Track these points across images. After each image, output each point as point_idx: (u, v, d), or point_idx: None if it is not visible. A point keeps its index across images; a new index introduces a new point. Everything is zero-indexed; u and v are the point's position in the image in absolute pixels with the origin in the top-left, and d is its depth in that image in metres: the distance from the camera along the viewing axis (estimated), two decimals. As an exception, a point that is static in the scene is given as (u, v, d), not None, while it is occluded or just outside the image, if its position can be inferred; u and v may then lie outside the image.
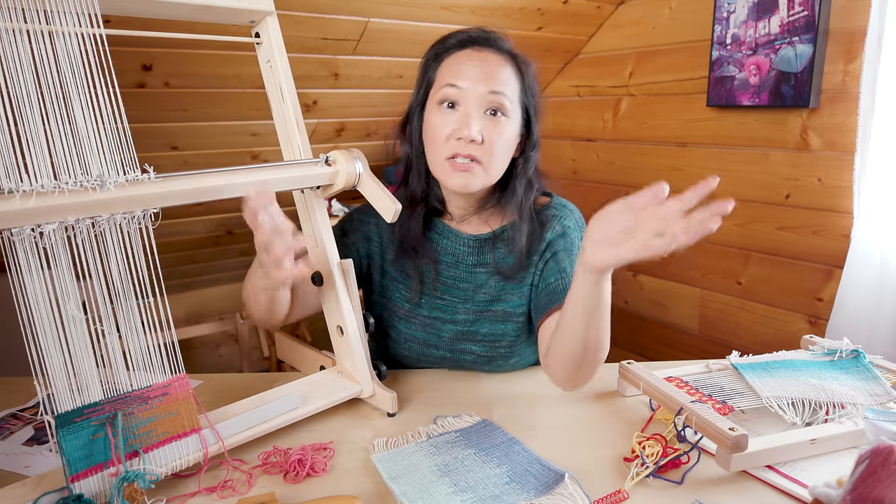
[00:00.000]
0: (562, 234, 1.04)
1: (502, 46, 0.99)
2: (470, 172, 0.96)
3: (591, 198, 2.38)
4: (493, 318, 1.05)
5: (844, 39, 1.60)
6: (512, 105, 0.97)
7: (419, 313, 1.07)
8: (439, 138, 0.96)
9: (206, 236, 2.32)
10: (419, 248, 1.06)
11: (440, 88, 0.97)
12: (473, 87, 0.94)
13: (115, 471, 0.68)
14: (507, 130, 0.97)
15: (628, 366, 0.95)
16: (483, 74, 0.95)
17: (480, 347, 1.05)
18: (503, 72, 0.97)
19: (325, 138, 2.16)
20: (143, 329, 0.72)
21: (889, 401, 0.86)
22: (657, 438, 0.80)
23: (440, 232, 1.08)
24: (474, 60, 0.96)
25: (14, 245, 0.62)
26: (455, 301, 1.06)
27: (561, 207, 1.07)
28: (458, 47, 0.99)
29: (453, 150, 0.95)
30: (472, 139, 0.93)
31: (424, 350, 1.07)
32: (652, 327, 2.27)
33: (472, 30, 1.00)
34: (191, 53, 1.60)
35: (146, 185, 0.70)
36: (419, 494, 0.72)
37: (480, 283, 1.06)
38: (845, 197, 1.65)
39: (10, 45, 0.63)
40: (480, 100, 0.95)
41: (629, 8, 2.14)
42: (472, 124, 0.94)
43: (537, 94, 1.03)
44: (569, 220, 1.06)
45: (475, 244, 1.06)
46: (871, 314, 1.54)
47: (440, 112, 0.97)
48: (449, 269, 1.07)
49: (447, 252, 1.07)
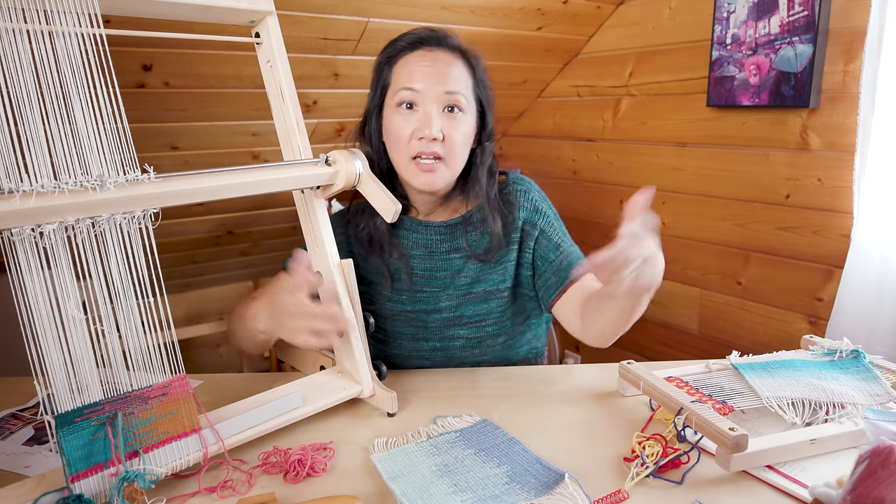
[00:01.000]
0: (535, 211, 1.08)
1: (452, 44, 1.03)
2: (434, 172, 1.00)
3: (591, 198, 2.38)
4: (476, 299, 1.08)
5: (844, 39, 1.60)
6: (467, 100, 1.01)
7: (402, 310, 1.09)
8: (402, 139, 1.00)
9: (206, 236, 2.32)
10: (386, 246, 1.08)
11: (397, 91, 1.01)
12: (430, 87, 0.98)
13: (115, 471, 0.68)
14: (464, 125, 1.01)
15: (628, 366, 0.95)
16: (437, 74, 0.99)
17: (468, 330, 1.08)
18: (455, 69, 1.01)
19: (325, 138, 2.16)
20: (143, 329, 0.72)
21: (889, 401, 0.86)
22: (657, 438, 0.80)
23: (408, 227, 1.10)
24: (426, 60, 1.00)
25: (14, 245, 0.62)
26: (435, 290, 1.08)
27: (520, 181, 1.12)
28: (409, 49, 1.02)
29: (416, 149, 0.99)
30: (434, 137, 0.98)
31: (414, 345, 1.09)
32: (652, 327, 2.27)
33: (421, 30, 1.03)
34: (191, 53, 1.60)
35: (146, 185, 0.70)
36: (419, 494, 0.72)
37: (458, 268, 1.08)
38: (845, 197, 1.65)
39: (10, 45, 0.63)
40: (437, 99, 0.99)
41: (629, 8, 2.14)
42: (432, 123, 0.98)
43: (488, 86, 1.07)
44: (532, 192, 1.11)
45: (446, 230, 1.09)
46: (871, 314, 1.54)
47: (399, 114, 1.00)
48: (423, 261, 1.09)
49: (418, 245, 1.09)
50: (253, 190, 0.79)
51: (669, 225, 2.13)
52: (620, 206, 2.30)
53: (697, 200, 2.04)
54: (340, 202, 2.32)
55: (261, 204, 2.27)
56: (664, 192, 2.14)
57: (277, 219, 2.40)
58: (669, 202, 2.12)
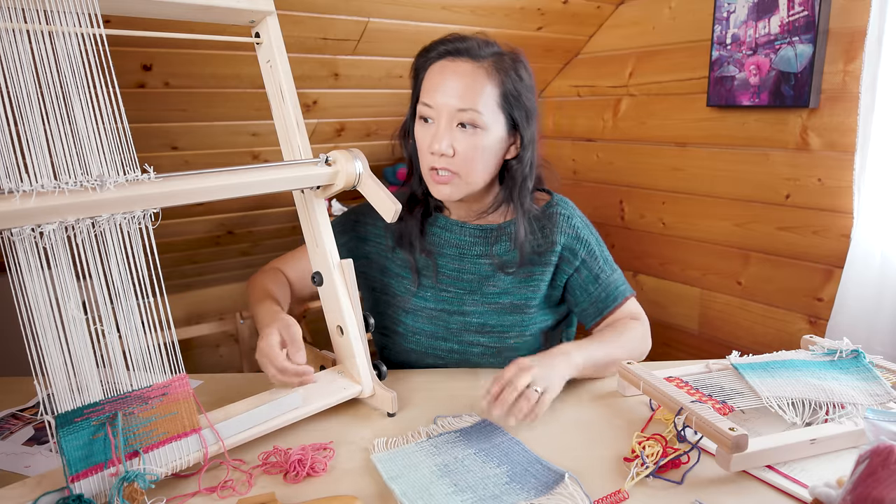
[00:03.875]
0: (576, 238, 1.08)
1: (479, 54, 0.98)
2: (448, 184, 1.00)
3: (591, 198, 2.38)
4: (503, 311, 1.07)
5: (844, 39, 1.60)
6: (487, 116, 0.97)
7: (426, 306, 1.09)
8: (421, 150, 1.02)
9: (206, 236, 2.32)
10: (416, 243, 1.08)
11: (419, 103, 1.01)
12: (444, 103, 0.97)
13: (115, 471, 0.68)
14: (483, 141, 0.98)
15: (628, 366, 0.94)
16: (453, 90, 0.96)
17: (489, 339, 1.07)
18: (476, 85, 0.96)
19: (325, 138, 2.16)
20: (143, 329, 0.72)
21: (889, 401, 0.86)
22: (657, 438, 0.80)
23: (442, 225, 1.10)
24: (446, 74, 0.97)
25: (14, 245, 0.62)
26: (461, 293, 1.08)
27: (563, 204, 1.11)
28: (436, 58, 1.00)
29: (432, 162, 0.99)
30: (442, 153, 0.97)
31: (432, 343, 1.09)
32: (652, 327, 2.26)
33: (451, 38, 1.00)
34: (191, 53, 1.60)
35: (146, 185, 0.70)
36: (419, 494, 0.72)
37: (486, 274, 1.08)
38: (845, 197, 1.65)
39: (10, 45, 0.63)
40: (451, 116, 0.97)
41: (629, 8, 2.14)
42: (441, 139, 0.97)
43: (523, 97, 1.01)
44: (574, 218, 1.10)
45: (480, 234, 1.08)
46: (871, 314, 1.54)
47: (420, 125, 1.01)
48: (452, 261, 1.09)
49: (450, 244, 1.09)
50: (253, 190, 0.79)
51: (669, 225, 2.13)
52: (620, 206, 2.30)
53: (697, 200, 2.04)
54: (340, 202, 2.32)
55: (261, 204, 2.27)
56: (664, 192, 2.14)
57: (277, 219, 2.40)
58: (669, 202, 2.12)
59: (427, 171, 1.02)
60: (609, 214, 2.34)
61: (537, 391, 0.84)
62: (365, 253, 1.13)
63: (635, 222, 2.26)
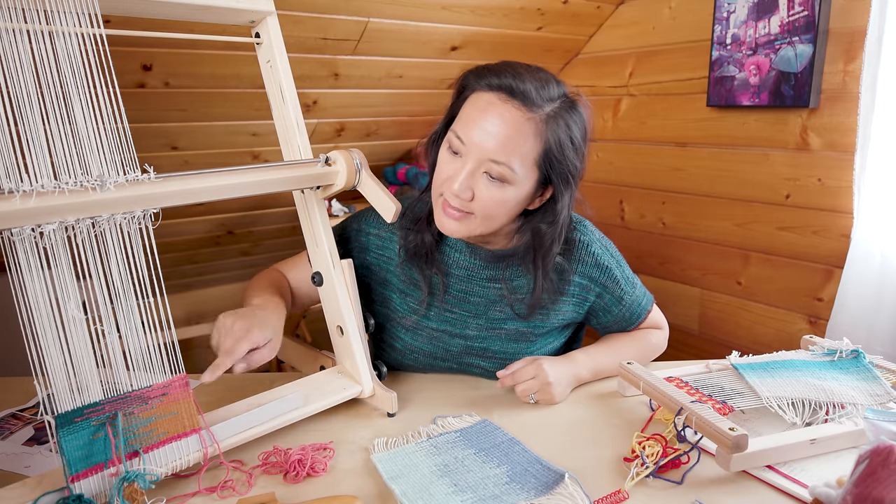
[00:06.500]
0: (596, 266, 1.03)
1: (535, 102, 0.88)
2: (458, 221, 0.92)
3: (591, 198, 2.37)
4: (507, 337, 1.03)
5: (844, 39, 1.60)
6: (519, 172, 0.88)
7: (427, 325, 1.05)
8: (439, 177, 0.93)
9: (206, 236, 2.32)
10: (431, 259, 1.01)
11: (453, 130, 0.91)
12: (477, 146, 0.87)
13: (115, 471, 0.68)
14: (507, 194, 0.90)
15: (628, 366, 0.94)
16: (492, 136, 0.87)
17: (489, 363, 1.04)
18: (519, 139, 0.87)
19: (325, 138, 2.16)
20: (143, 329, 0.72)
21: (889, 401, 0.86)
22: (657, 438, 0.80)
23: (452, 245, 1.03)
24: (490, 115, 0.87)
25: (14, 245, 0.62)
26: (465, 315, 1.04)
27: (582, 228, 1.04)
28: (486, 88, 0.90)
29: (446, 195, 0.92)
30: (457, 195, 0.89)
31: (430, 362, 1.06)
32: (652, 327, 2.27)
33: (510, 72, 0.89)
34: (191, 53, 1.60)
35: (146, 185, 0.70)
36: (419, 494, 0.72)
37: (493, 299, 1.03)
38: (845, 197, 1.65)
39: (10, 45, 0.63)
40: (480, 161, 0.88)
41: (629, 8, 2.14)
42: (460, 181, 0.88)
43: (567, 156, 0.91)
44: (594, 244, 1.03)
45: (491, 258, 1.02)
46: (871, 314, 1.54)
47: (446, 153, 0.92)
48: (460, 282, 1.03)
49: (459, 266, 1.03)
50: (253, 190, 0.79)
51: (669, 225, 2.13)
52: (620, 206, 2.30)
53: (697, 200, 2.04)
54: (340, 202, 2.32)
55: (261, 204, 2.27)
56: (664, 192, 2.14)
57: (277, 219, 2.40)
58: (669, 202, 2.12)
59: (437, 197, 0.94)
60: (609, 214, 2.34)
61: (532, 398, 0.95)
62: (365, 263, 1.08)
63: (635, 222, 2.26)
